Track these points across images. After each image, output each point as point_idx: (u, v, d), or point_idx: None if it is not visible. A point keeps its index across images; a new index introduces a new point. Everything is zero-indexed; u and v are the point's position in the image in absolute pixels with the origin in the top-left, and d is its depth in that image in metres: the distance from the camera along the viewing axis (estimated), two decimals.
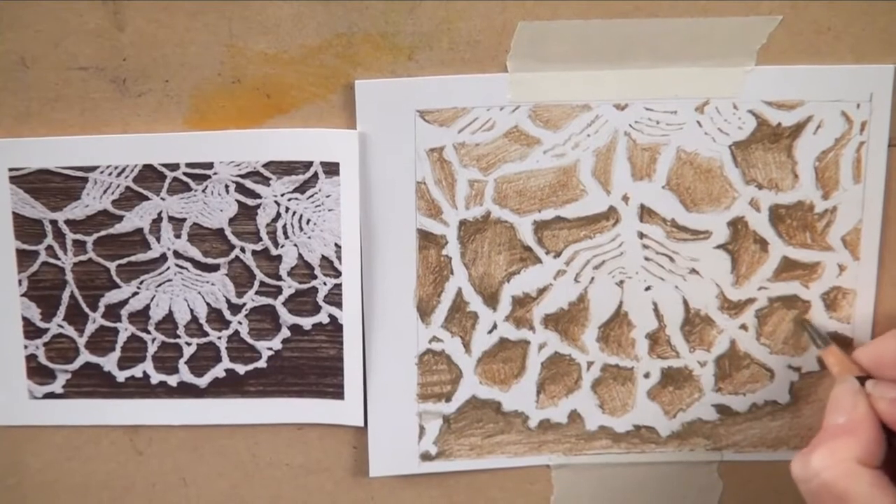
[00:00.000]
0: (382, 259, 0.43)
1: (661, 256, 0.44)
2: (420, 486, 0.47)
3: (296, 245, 0.43)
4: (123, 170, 0.43)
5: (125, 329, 0.44)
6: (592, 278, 0.44)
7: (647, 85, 0.42)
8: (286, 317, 0.44)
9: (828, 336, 0.43)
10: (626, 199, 0.43)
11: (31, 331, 0.44)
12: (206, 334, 0.44)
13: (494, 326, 0.44)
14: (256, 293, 0.44)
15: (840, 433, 0.38)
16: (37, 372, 0.45)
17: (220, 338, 0.44)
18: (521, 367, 0.45)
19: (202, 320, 0.44)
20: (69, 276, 0.44)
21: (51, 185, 0.43)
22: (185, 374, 0.45)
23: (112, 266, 0.44)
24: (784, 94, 0.42)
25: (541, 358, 0.45)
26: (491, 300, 0.44)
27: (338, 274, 0.43)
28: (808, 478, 0.37)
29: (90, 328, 0.44)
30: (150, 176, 0.43)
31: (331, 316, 0.44)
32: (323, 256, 0.43)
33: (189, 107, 0.42)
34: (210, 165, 0.43)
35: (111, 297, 0.44)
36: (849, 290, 0.44)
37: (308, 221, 0.43)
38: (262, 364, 0.45)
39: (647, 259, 0.44)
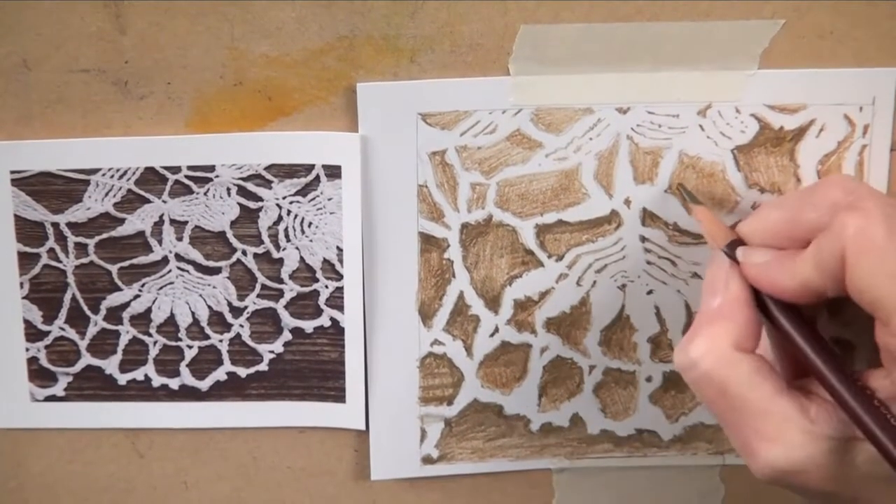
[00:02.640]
0: (384, 262, 0.43)
1: (663, 260, 0.44)
2: (421, 490, 0.46)
3: (297, 248, 0.43)
4: (125, 172, 0.43)
5: (127, 332, 0.44)
6: (594, 282, 0.44)
7: (649, 88, 0.42)
8: (288, 320, 0.44)
9: (697, 198, 0.42)
10: (628, 202, 0.43)
11: (33, 333, 0.44)
12: (207, 337, 0.44)
13: (496, 330, 0.44)
14: (258, 296, 0.44)
15: (715, 317, 0.36)
16: (38, 374, 0.45)
17: (221, 341, 0.44)
18: (523, 371, 0.45)
19: (203, 323, 0.44)
20: (71, 279, 0.44)
21: (52, 188, 0.43)
22: (186, 377, 0.45)
23: (114, 269, 0.44)
24: (786, 97, 0.42)
25: (542, 361, 0.45)
26: (493, 303, 0.44)
27: (339, 277, 0.43)
28: (688, 367, 0.35)
29: (92, 331, 0.44)
30: (151, 178, 0.43)
31: (332, 319, 0.44)
32: (324, 259, 0.43)
33: (191, 109, 0.42)
34: (212, 168, 0.43)
35: (113, 299, 0.44)
36: None
37: (310, 224, 0.43)
38: (263, 367, 0.45)
39: (648, 263, 0.44)
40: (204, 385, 0.45)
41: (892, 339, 0.32)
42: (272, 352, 0.45)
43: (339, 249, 0.43)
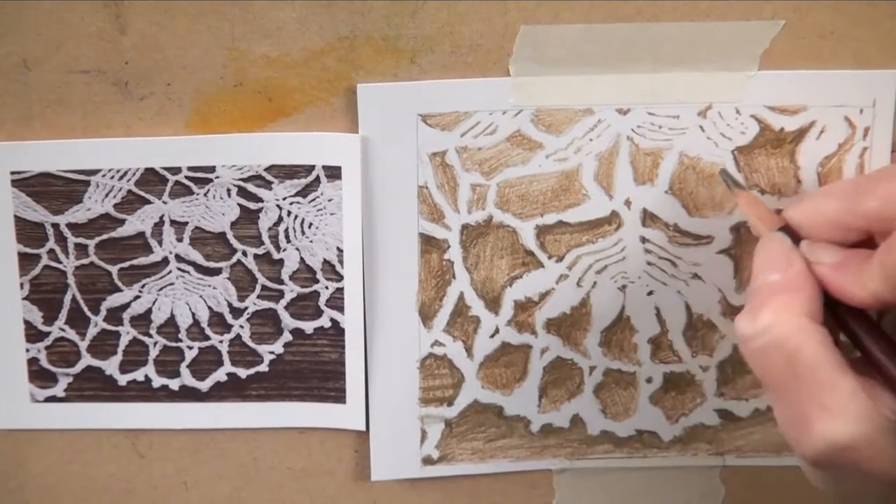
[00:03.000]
0: (384, 263, 0.43)
1: (663, 261, 0.44)
2: (422, 490, 0.46)
3: (298, 249, 0.43)
4: (125, 173, 0.43)
5: (127, 333, 0.44)
6: (595, 283, 0.44)
7: (649, 89, 0.42)
8: (288, 321, 0.44)
9: (741, 183, 0.41)
10: (628, 203, 0.43)
11: (33, 334, 0.44)
12: (207, 338, 0.44)
13: (496, 331, 0.44)
14: (258, 297, 0.44)
15: (783, 289, 0.35)
16: (38, 375, 0.45)
17: (221, 342, 0.44)
18: (523, 372, 0.45)
19: (204, 324, 0.44)
20: (71, 280, 0.44)
21: (52, 189, 0.43)
22: (186, 378, 0.45)
23: (114, 270, 0.44)
24: (787, 98, 0.42)
25: (543, 362, 0.45)
26: (493, 304, 0.44)
27: (340, 278, 0.43)
28: (757, 334, 0.35)
29: (92, 332, 0.44)
30: (151, 179, 0.43)
31: (332, 320, 0.44)
32: (325, 260, 0.43)
33: (191, 110, 0.42)
34: (212, 169, 0.43)
35: (113, 300, 0.44)
36: None
37: (310, 225, 0.43)
38: (263, 368, 0.45)
39: (649, 264, 0.44)
40: (204, 386, 0.45)
41: None
42: (272, 352, 0.45)
43: (340, 250, 0.43)
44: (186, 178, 0.43)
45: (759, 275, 0.36)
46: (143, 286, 0.44)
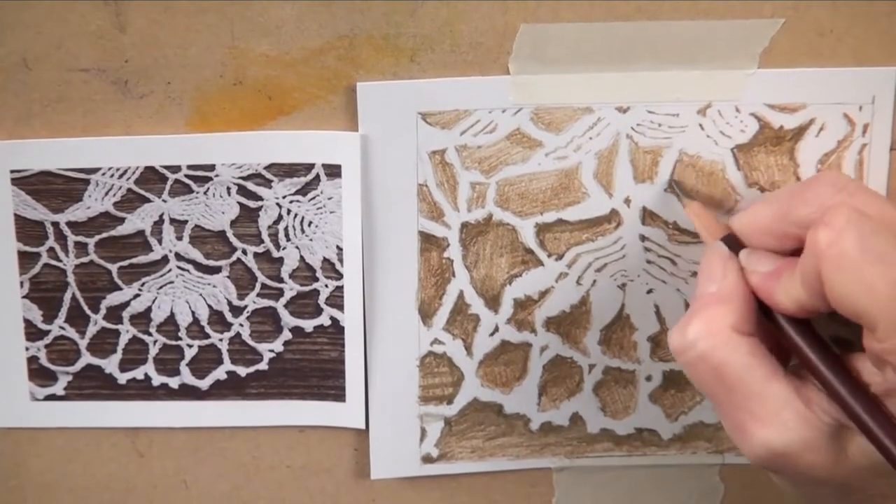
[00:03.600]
0: (384, 261, 0.43)
1: (662, 259, 0.44)
2: (421, 489, 0.46)
3: (297, 247, 0.43)
4: (125, 172, 0.43)
5: (126, 331, 0.44)
6: (594, 281, 0.44)
7: (648, 87, 0.42)
8: (288, 319, 0.44)
9: (691, 193, 0.42)
10: (627, 201, 0.43)
11: (33, 333, 0.44)
12: (207, 336, 0.44)
13: (496, 329, 0.44)
14: (258, 295, 0.44)
15: (713, 302, 0.36)
16: (38, 374, 0.45)
17: (221, 340, 0.44)
18: (523, 370, 0.45)
19: (203, 322, 0.44)
20: (71, 278, 0.44)
21: (52, 187, 0.43)
22: (186, 377, 0.45)
23: (114, 268, 0.44)
24: (786, 96, 0.42)
25: (542, 360, 0.45)
26: (492, 303, 0.44)
27: (339, 276, 0.43)
28: (685, 348, 0.35)
29: (91, 330, 0.44)
30: (151, 178, 0.43)
31: (332, 318, 0.44)
32: (324, 259, 0.43)
33: (191, 108, 0.42)
34: (212, 167, 0.43)
35: (113, 299, 0.44)
36: None
37: (310, 223, 0.43)
38: (263, 366, 0.45)
39: (648, 262, 0.44)
40: (204, 384, 0.45)
41: (879, 345, 0.32)
42: (272, 351, 0.45)
43: (339, 248, 0.43)
44: (186, 176, 0.43)
45: (698, 284, 0.37)
46: (142, 284, 0.44)
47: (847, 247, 0.32)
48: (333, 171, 0.42)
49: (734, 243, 0.38)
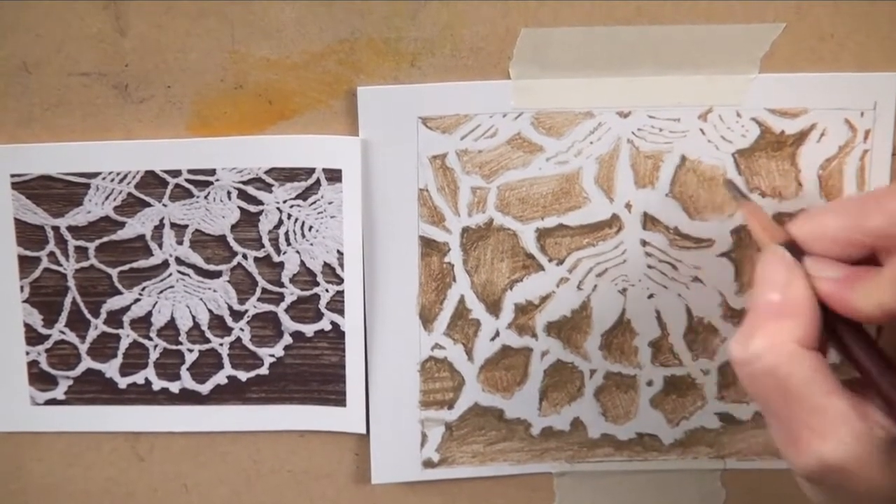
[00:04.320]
0: (385, 266, 0.43)
1: (663, 264, 0.44)
2: (422, 494, 0.46)
3: (298, 252, 0.43)
4: (125, 176, 0.43)
5: (127, 336, 0.44)
6: (595, 286, 0.44)
7: (650, 92, 0.42)
8: (288, 324, 0.44)
9: (747, 195, 0.41)
10: (628, 206, 0.43)
11: (33, 337, 0.44)
12: (207, 341, 0.44)
13: (497, 334, 0.44)
14: (258, 300, 0.44)
15: (778, 313, 0.36)
16: (38, 378, 0.45)
17: (221, 344, 0.44)
18: (524, 375, 0.45)
19: (204, 327, 0.44)
20: (71, 283, 0.44)
21: (53, 192, 0.43)
22: (186, 381, 0.45)
23: (114, 272, 0.44)
24: (787, 101, 0.42)
25: (543, 365, 0.45)
26: (493, 307, 0.44)
27: (340, 281, 0.43)
28: (749, 360, 0.35)
29: (92, 334, 0.44)
30: (152, 182, 0.43)
31: (333, 323, 0.44)
32: (325, 263, 0.43)
33: (191, 113, 0.42)
34: (212, 172, 0.42)
35: (113, 303, 0.44)
36: None
37: (310, 228, 0.43)
38: (264, 371, 0.45)
39: (649, 267, 0.44)
40: (204, 389, 0.45)
41: None
42: (273, 355, 0.44)
43: (340, 253, 0.43)
44: (187, 180, 0.43)
45: (758, 290, 0.37)
46: (143, 289, 0.44)
47: None
48: (334, 176, 0.42)
49: (794, 250, 0.37)
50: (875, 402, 0.35)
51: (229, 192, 0.43)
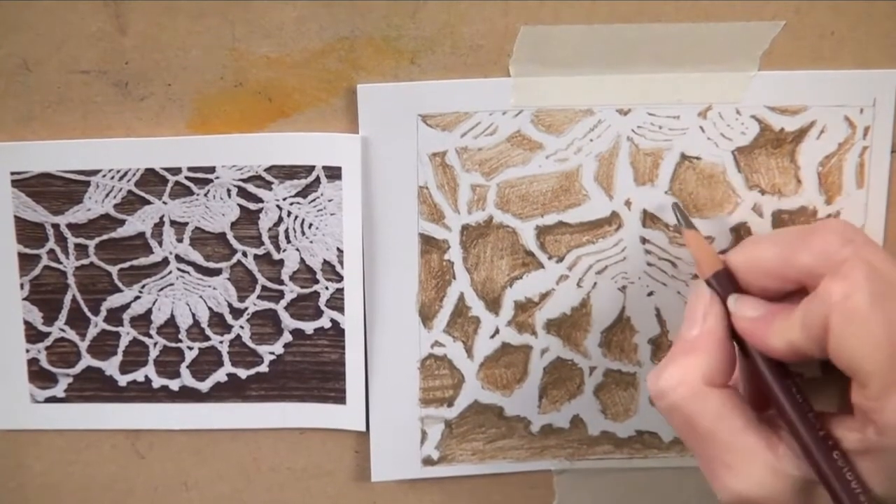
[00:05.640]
0: (384, 263, 0.43)
1: (663, 262, 0.44)
2: (422, 491, 0.46)
3: (298, 249, 0.43)
4: (125, 174, 0.43)
5: (127, 333, 0.44)
6: (595, 283, 0.44)
7: (649, 90, 0.42)
8: (288, 321, 0.44)
9: (691, 221, 0.41)
10: (628, 204, 0.43)
11: (33, 335, 0.44)
12: (207, 338, 0.44)
13: (496, 331, 0.44)
14: (258, 297, 0.44)
15: (689, 349, 0.37)
16: (38, 376, 0.45)
17: (221, 342, 0.44)
18: (524, 372, 0.45)
19: (204, 324, 0.44)
20: (71, 280, 0.44)
21: (53, 189, 0.43)
22: (186, 379, 0.45)
23: (114, 270, 0.44)
24: (787, 99, 0.42)
25: (543, 363, 0.45)
26: (493, 305, 0.44)
27: (340, 278, 0.43)
28: (658, 395, 0.36)
29: (92, 332, 0.44)
30: (152, 180, 0.43)
31: (333, 320, 0.44)
32: (325, 261, 0.43)
33: (191, 110, 0.42)
34: (212, 169, 0.43)
35: (113, 301, 0.44)
36: None
37: (310, 226, 0.43)
38: (263, 368, 0.45)
39: (649, 264, 0.44)
40: (204, 386, 0.45)
41: (866, 402, 0.33)
42: (272, 353, 0.44)
43: (340, 251, 0.43)
44: (186, 178, 0.43)
45: (683, 324, 0.38)
46: (143, 286, 0.44)
47: (860, 302, 0.33)
48: (334, 174, 0.42)
49: (725, 280, 0.38)
50: (788, 442, 0.35)
51: (229, 190, 0.43)
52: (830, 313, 0.33)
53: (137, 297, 0.44)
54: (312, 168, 0.42)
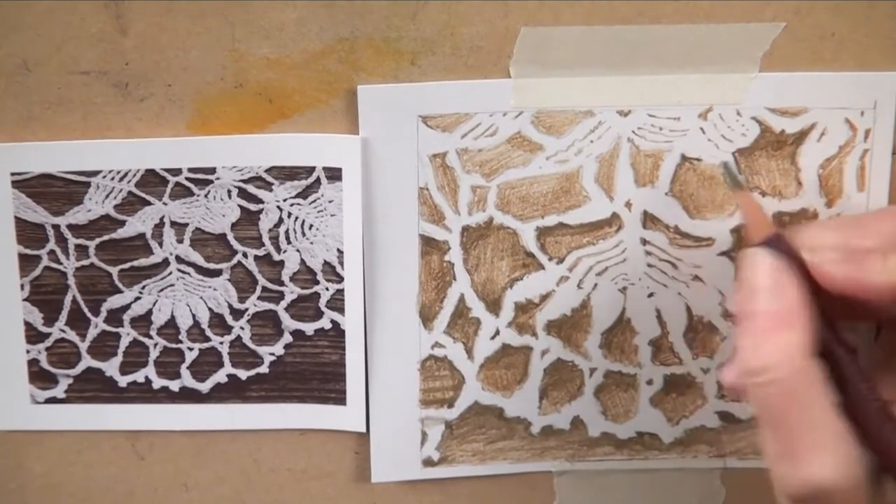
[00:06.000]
0: (385, 264, 0.43)
1: (663, 263, 0.44)
2: (422, 492, 0.46)
3: (298, 250, 0.43)
4: (126, 174, 0.43)
5: (127, 334, 0.44)
6: (595, 285, 0.44)
7: (650, 91, 0.42)
8: (288, 322, 0.44)
9: (741, 182, 0.40)
10: (628, 205, 0.43)
11: (33, 335, 0.44)
12: (208, 339, 0.44)
13: (497, 332, 0.44)
14: (258, 298, 0.44)
15: (783, 323, 0.34)
16: (39, 377, 0.45)
17: (222, 343, 0.44)
18: (524, 374, 0.45)
19: (204, 325, 0.44)
20: (71, 281, 0.44)
21: (53, 190, 0.43)
22: (187, 380, 0.45)
23: (114, 271, 0.44)
24: (787, 101, 0.42)
25: (543, 364, 0.45)
26: (493, 306, 0.44)
27: (340, 279, 0.43)
28: (756, 373, 0.34)
29: (92, 333, 0.44)
30: (152, 181, 0.43)
31: (333, 321, 0.44)
32: (325, 262, 0.43)
33: (191, 111, 0.42)
34: (212, 170, 0.42)
35: (113, 301, 0.44)
36: None
37: (310, 227, 0.43)
38: (264, 369, 0.45)
39: (649, 266, 0.44)
40: (204, 387, 0.45)
41: None
42: (273, 354, 0.44)
43: (340, 252, 0.43)
44: (187, 179, 0.43)
45: (750, 295, 0.35)
46: (143, 287, 0.44)
47: None
48: (334, 175, 0.42)
49: (778, 243, 0.36)
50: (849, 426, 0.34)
51: (229, 191, 0.43)
52: None
53: (138, 298, 0.44)
54: (313, 169, 0.42)
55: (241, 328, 0.44)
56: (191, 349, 0.44)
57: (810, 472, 0.33)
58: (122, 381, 0.45)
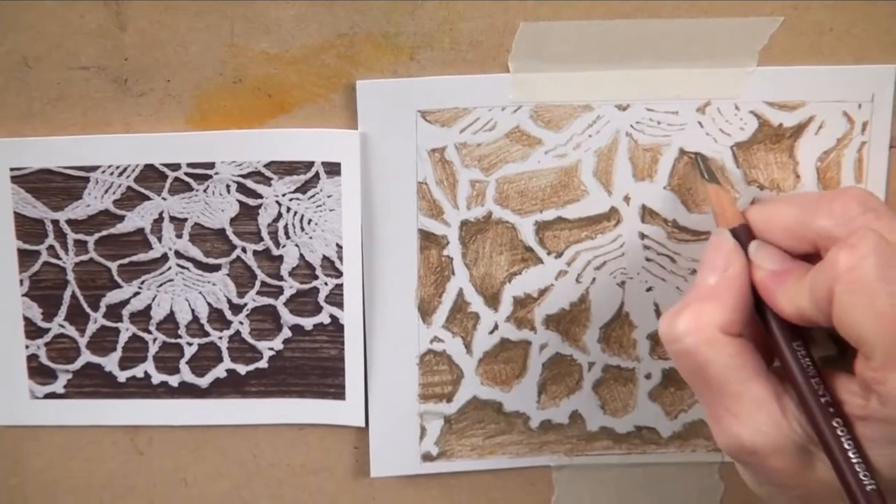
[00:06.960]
0: (384, 259, 0.43)
1: (662, 257, 0.44)
2: (421, 487, 0.47)
3: (297, 245, 0.43)
4: (125, 170, 0.43)
5: (126, 329, 0.44)
6: (594, 279, 0.44)
7: (648, 85, 0.42)
8: (287, 317, 0.44)
9: (715, 175, 0.41)
10: (627, 199, 0.43)
11: (33, 331, 0.44)
12: (207, 334, 0.44)
13: (496, 327, 0.44)
14: (258, 293, 0.44)
15: (708, 295, 0.36)
16: (38, 372, 0.45)
17: (221, 338, 0.44)
18: (523, 368, 0.45)
19: (203, 320, 0.44)
20: (70, 276, 0.44)
21: (52, 185, 0.43)
22: (186, 375, 0.45)
23: (113, 266, 0.44)
24: (785, 94, 0.42)
25: (542, 358, 0.45)
26: (492, 301, 0.44)
27: (339, 274, 0.43)
28: (671, 340, 0.36)
29: (91, 328, 0.44)
30: (151, 176, 0.43)
31: (332, 316, 0.44)
32: (324, 257, 0.43)
33: (191, 106, 0.42)
34: (211, 165, 0.43)
35: (112, 297, 0.44)
36: None
37: (309, 221, 0.43)
38: (263, 364, 0.45)
39: (648, 260, 0.44)
40: (203, 382, 0.45)
41: (870, 374, 0.33)
42: (272, 349, 0.45)
43: (339, 246, 0.43)
44: (186, 174, 0.43)
45: (700, 271, 0.37)
46: (142, 282, 0.44)
47: (866, 273, 0.32)
48: (333, 169, 0.42)
49: (744, 234, 0.38)
50: (792, 397, 0.35)
51: (228, 186, 0.43)
52: (835, 283, 0.33)
53: (137, 293, 0.44)
54: (312, 164, 0.42)
55: (241, 323, 0.44)
56: (190, 344, 0.44)
57: (730, 434, 0.35)
58: (122, 376, 0.45)
